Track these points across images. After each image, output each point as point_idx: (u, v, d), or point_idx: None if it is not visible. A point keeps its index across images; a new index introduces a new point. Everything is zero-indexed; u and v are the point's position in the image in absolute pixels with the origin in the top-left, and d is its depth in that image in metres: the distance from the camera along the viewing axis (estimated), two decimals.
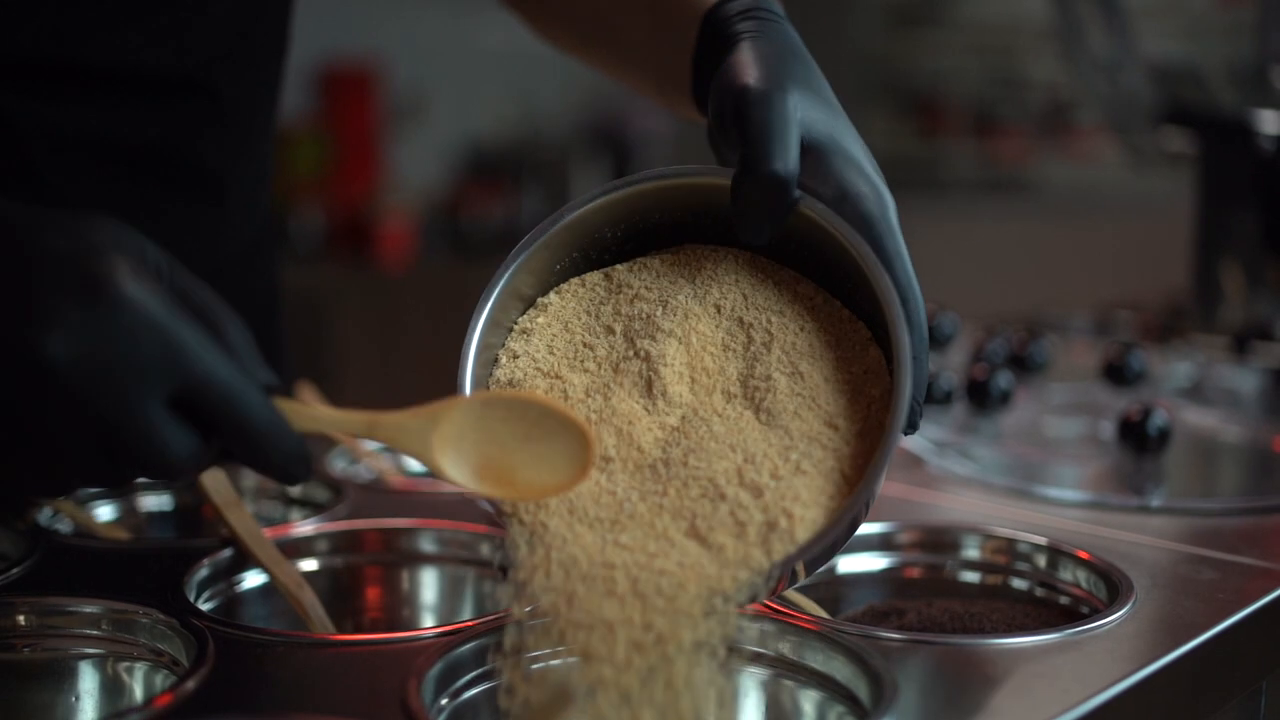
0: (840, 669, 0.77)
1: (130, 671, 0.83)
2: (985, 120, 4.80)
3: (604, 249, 0.83)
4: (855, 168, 0.77)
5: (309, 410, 0.68)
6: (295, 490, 1.15)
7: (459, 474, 0.69)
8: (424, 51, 4.07)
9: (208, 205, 1.15)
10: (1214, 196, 1.97)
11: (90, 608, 0.84)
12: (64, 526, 1.05)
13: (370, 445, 1.29)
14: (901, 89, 4.86)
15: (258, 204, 1.24)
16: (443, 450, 0.68)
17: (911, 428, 0.73)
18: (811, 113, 0.77)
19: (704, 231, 0.82)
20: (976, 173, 4.66)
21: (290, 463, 0.66)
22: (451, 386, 0.76)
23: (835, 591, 0.99)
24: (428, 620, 1.01)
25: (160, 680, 0.82)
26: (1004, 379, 1.33)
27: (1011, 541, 0.99)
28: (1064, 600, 0.95)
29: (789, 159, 0.74)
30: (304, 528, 1.02)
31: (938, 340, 1.53)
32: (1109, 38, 2.03)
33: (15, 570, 0.90)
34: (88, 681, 0.83)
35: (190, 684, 0.73)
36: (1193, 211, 2.01)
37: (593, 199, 0.80)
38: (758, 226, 0.76)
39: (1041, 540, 0.98)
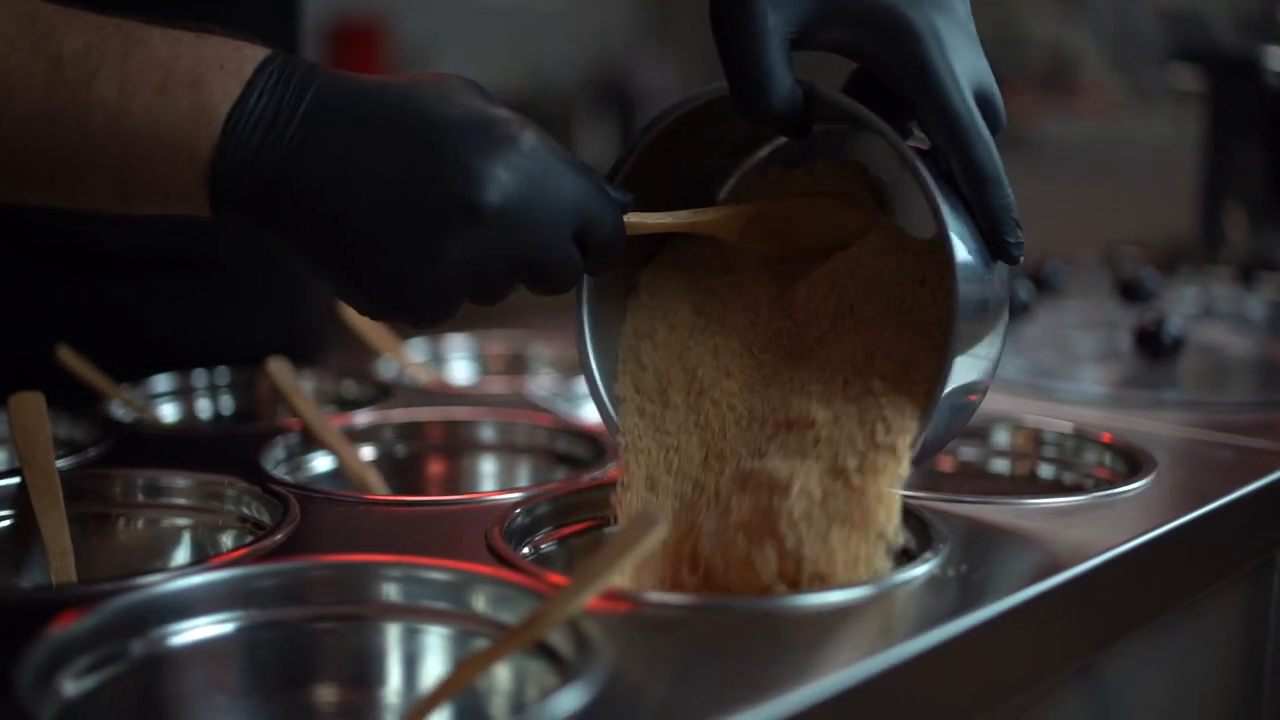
0: None
1: (219, 537, 0.88)
2: None
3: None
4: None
5: (645, 221, 0.78)
6: (350, 392, 1.20)
7: (766, 247, 0.84)
8: (431, 7, 4.11)
9: None
10: (1221, 134, 2.02)
11: (180, 480, 0.89)
12: (131, 419, 1.10)
13: (415, 357, 1.34)
14: None
15: None
16: (749, 233, 0.83)
17: (1012, 261, 0.77)
18: None
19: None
20: None
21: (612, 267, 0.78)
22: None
23: None
24: None
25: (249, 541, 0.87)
26: (1024, 290, 1.38)
27: (1037, 429, 1.04)
28: (1089, 484, 1.00)
29: (775, 95, 0.74)
30: (363, 417, 1.07)
31: None
32: None
33: (91, 451, 0.95)
34: (182, 548, 0.88)
35: (279, 535, 0.78)
36: (1199, 149, 2.06)
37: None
38: (788, 134, 0.81)
39: (1067, 426, 1.03)
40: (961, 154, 0.74)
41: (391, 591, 0.71)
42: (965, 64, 0.74)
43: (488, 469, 1.06)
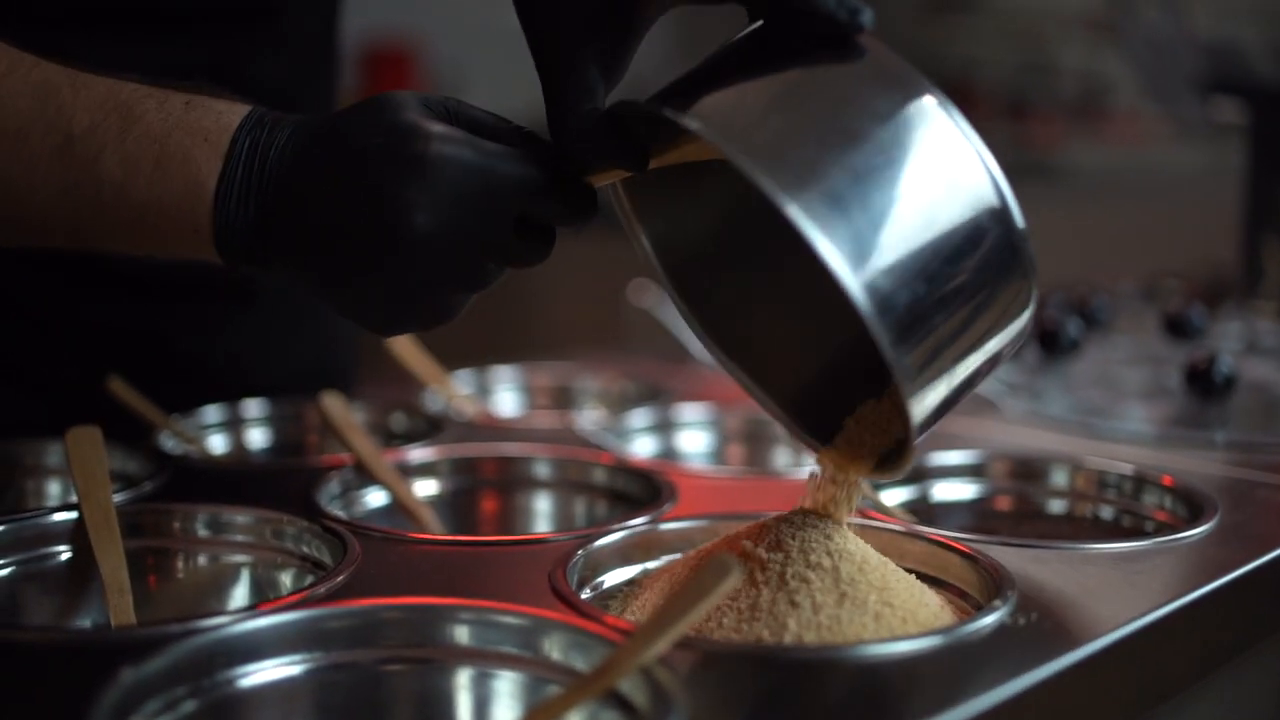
0: (956, 569, 0.82)
1: (278, 575, 0.88)
2: (1018, 105, 4.84)
3: None
4: None
5: (609, 174, 0.76)
6: (399, 425, 1.20)
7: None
8: (464, 30, 4.12)
9: None
10: (1261, 166, 2.01)
11: (239, 516, 0.89)
12: (181, 451, 1.09)
13: (462, 388, 1.34)
14: (934, 75, 4.87)
15: None
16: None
17: (852, 28, 0.70)
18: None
19: None
20: (1010, 157, 4.69)
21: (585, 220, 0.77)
22: (489, 343, 0.82)
23: (926, 519, 1.04)
24: None
25: (309, 582, 0.87)
26: (1074, 326, 1.38)
27: (1097, 470, 1.04)
28: (1149, 527, 1.00)
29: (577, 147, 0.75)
30: (416, 453, 1.07)
31: None
32: (1161, 15, 2.07)
33: (147, 485, 0.95)
34: (241, 586, 0.88)
35: (341, 576, 0.78)
36: (1239, 182, 2.05)
37: None
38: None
39: (1127, 468, 1.03)
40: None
41: (462, 635, 0.71)
42: None
43: (542, 506, 1.06)
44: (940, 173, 0.67)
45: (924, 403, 0.68)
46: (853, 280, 0.64)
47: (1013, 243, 0.69)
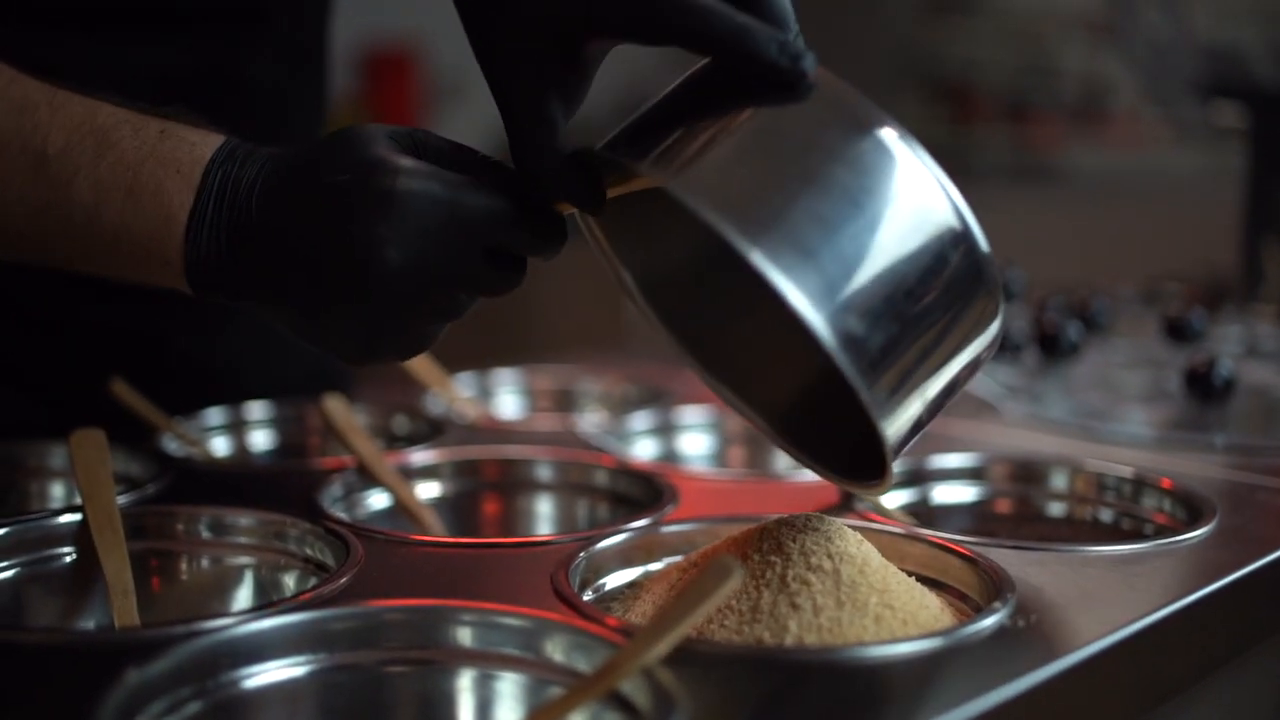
0: (956, 571, 0.82)
1: (281, 577, 0.88)
2: (1018, 107, 4.84)
3: None
4: None
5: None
6: (401, 428, 1.21)
7: None
8: (464, 36, 4.12)
9: (273, 126, 1.20)
10: (1261, 170, 2.01)
11: (242, 519, 0.89)
12: (184, 454, 1.10)
13: (463, 391, 1.35)
14: (934, 76, 4.90)
15: (322, 129, 1.29)
16: None
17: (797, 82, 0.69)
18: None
19: None
20: (1009, 160, 4.70)
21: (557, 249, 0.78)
22: (490, 346, 0.83)
23: (927, 522, 1.04)
24: None
25: (312, 584, 0.87)
26: (1074, 330, 1.38)
27: (1096, 473, 1.04)
28: (1148, 529, 1.00)
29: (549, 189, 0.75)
30: (418, 455, 1.07)
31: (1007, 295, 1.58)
32: (1162, 17, 2.07)
33: (150, 487, 0.96)
34: (245, 588, 0.89)
35: (344, 579, 0.79)
36: (1240, 185, 2.06)
37: None
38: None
39: (1126, 471, 1.03)
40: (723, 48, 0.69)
41: (464, 636, 0.71)
42: None
43: (544, 509, 1.06)
44: (901, 204, 0.68)
45: (896, 425, 0.70)
46: (818, 320, 0.65)
47: (978, 265, 0.70)
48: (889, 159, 0.68)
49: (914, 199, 0.68)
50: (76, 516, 0.87)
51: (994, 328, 0.72)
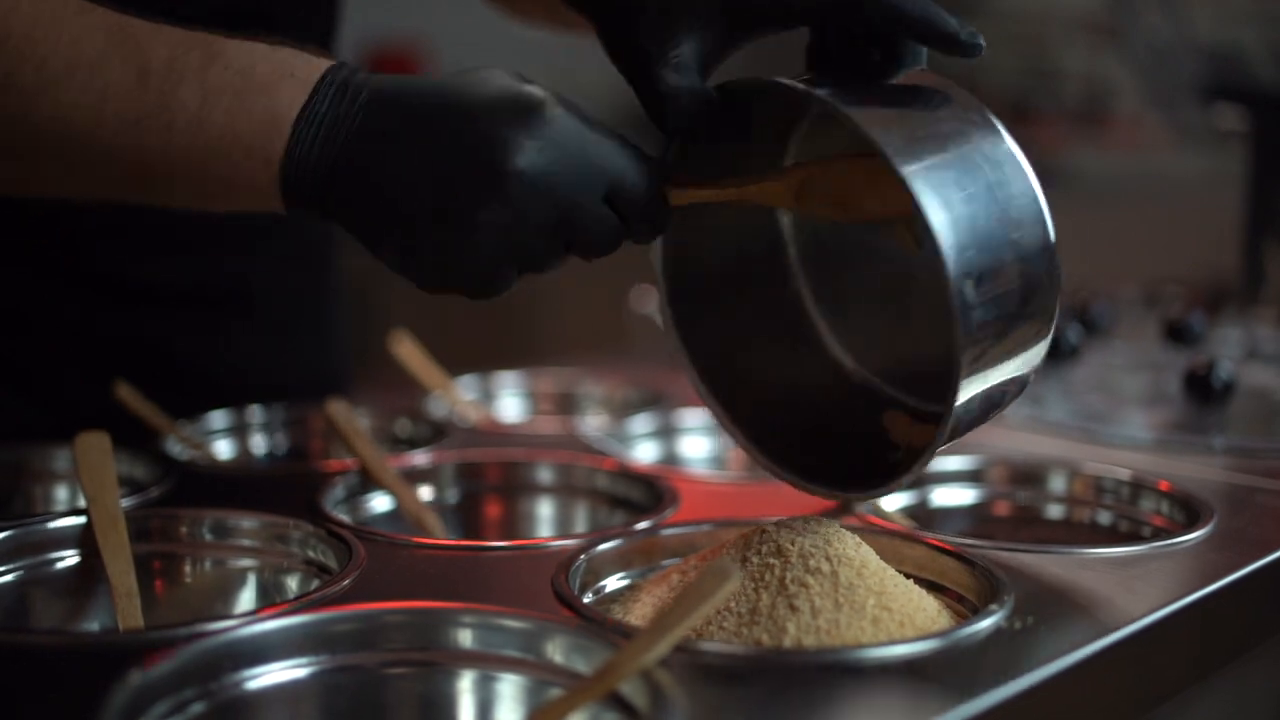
0: (954, 573, 0.83)
1: (284, 579, 0.89)
2: (1020, 110, 4.84)
3: None
4: None
5: (689, 191, 0.80)
6: (404, 431, 1.21)
7: (820, 212, 0.82)
8: (470, 35, 4.13)
9: None
10: (1263, 173, 2.01)
11: (245, 521, 0.90)
12: (187, 457, 1.10)
13: (466, 394, 1.35)
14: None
15: None
16: (804, 199, 0.81)
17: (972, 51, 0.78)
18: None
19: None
20: None
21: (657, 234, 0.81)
22: (493, 349, 0.84)
23: (926, 524, 1.05)
24: None
25: (315, 587, 0.88)
26: (1074, 333, 1.39)
27: (1094, 476, 1.05)
28: (1146, 531, 1.01)
29: (676, 107, 0.80)
30: (420, 458, 1.08)
31: None
32: (1163, 20, 2.08)
33: (154, 490, 0.96)
34: (248, 590, 0.89)
35: (346, 581, 0.79)
36: (1241, 189, 2.06)
37: None
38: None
39: (1124, 473, 1.03)
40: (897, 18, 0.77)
41: (465, 638, 0.71)
42: None
43: (545, 511, 1.07)
44: (1017, 204, 0.77)
45: (966, 391, 0.75)
46: (951, 251, 0.72)
47: (1053, 279, 0.79)
48: (1015, 163, 0.78)
49: (1026, 207, 0.77)
50: (81, 519, 0.87)
51: (1043, 347, 0.80)
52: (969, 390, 0.75)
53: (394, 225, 0.76)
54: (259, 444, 1.22)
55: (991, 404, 0.79)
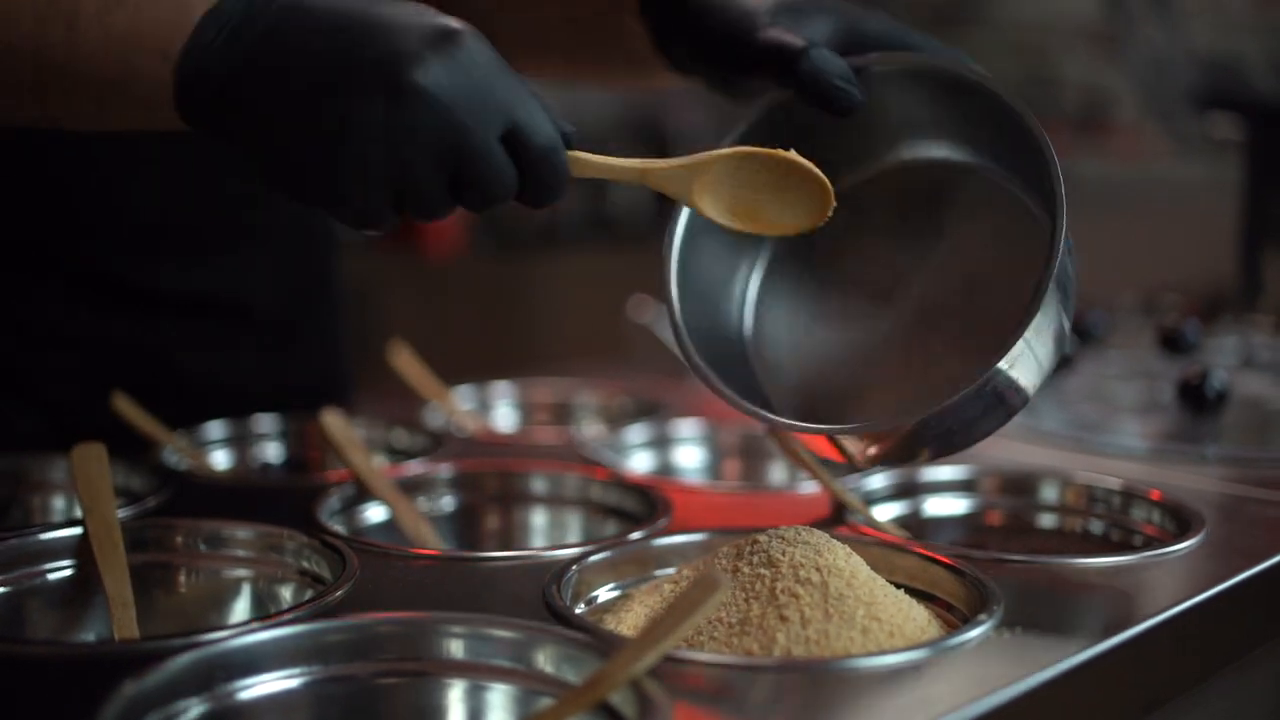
0: (944, 583, 0.83)
1: (278, 590, 0.89)
2: None
3: None
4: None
5: (590, 160, 0.78)
6: (400, 441, 1.22)
7: (715, 213, 0.80)
8: None
9: None
10: (1259, 182, 2.02)
11: (241, 531, 0.90)
12: (184, 467, 1.11)
13: (462, 404, 1.36)
14: None
15: None
16: (702, 193, 0.79)
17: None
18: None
19: None
20: None
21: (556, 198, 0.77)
22: (489, 359, 0.85)
23: (919, 534, 1.05)
24: None
25: (309, 597, 0.88)
26: (1068, 342, 1.39)
27: (1086, 485, 1.05)
28: (1137, 540, 1.01)
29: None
30: (415, 469, 1.08)
31: None
32: (1160, 30, 2.08)
33: (150, 500, 0.97)
34: (242, 600, 0.90)
35: (340, 591, 0.80)
36: (1238, 197, 2.06)
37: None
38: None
39: (1115, 483, 1.04)
40: None
41: (456, 648, 0.72)
42: None
43: (539, 521, 1.07)
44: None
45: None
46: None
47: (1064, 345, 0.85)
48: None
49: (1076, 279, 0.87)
50: (77, 530, 0.88)
51: (1040, 382, 0.82)
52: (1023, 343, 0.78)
53: (282, 130, 0.73)
54: (257, 454, 1.23)
55: (997, 396, 0.80)
